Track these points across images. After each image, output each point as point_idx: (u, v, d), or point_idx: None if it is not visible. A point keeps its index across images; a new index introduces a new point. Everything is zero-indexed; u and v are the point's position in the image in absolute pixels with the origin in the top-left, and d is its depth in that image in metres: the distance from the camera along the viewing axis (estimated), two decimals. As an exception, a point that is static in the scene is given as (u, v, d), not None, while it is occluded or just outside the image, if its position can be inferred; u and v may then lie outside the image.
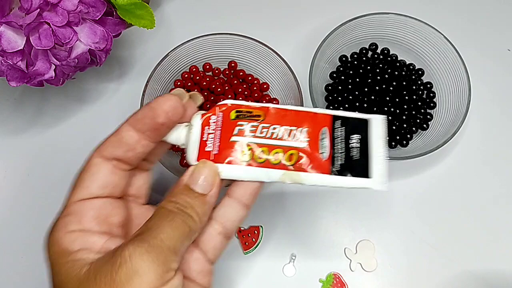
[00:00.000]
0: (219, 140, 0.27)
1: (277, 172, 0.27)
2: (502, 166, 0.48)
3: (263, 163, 0.27)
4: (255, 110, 0.27)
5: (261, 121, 0.27)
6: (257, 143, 0.27)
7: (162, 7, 0.55)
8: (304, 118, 0.27)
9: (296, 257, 0.44)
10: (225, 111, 0.27)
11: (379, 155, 0.27)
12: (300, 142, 0.27)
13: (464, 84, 0.45)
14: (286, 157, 0.27)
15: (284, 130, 0.27)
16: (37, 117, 0.49)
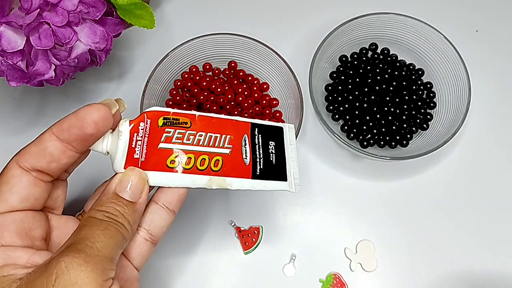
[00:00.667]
0: (146, 147, 0.27)
1: (203, 178, 0.27)
2: (502, 166, 0.48)
3: (190, 170, 0.27)
4: (182, 118, 0.28)
5: (188, 128, 0.28)
6: (184, 150, 0.27)
7: (162, 7, 0.55)
8: (227, 125, 0.29)
9: (296, 257, 0.44)
10: (153, 118, 0.27)
11: (292, 159, 0.30)
12: (225, 148, 0.28)
13: (464, 84, 0.45)
14: (212, 163, 0.27)
15: (209, 137, 0.28)
16: (37, 117, 0.49)
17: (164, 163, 0.27)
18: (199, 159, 0.27)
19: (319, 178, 0.47)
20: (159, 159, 0.27)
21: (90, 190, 0.32)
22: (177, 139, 0.27)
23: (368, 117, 0.46)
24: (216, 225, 0.45)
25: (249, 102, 0.45)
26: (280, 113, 0.46)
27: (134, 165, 0.27)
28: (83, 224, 0.24)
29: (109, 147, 0.27)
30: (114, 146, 0.27)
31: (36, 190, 0.26)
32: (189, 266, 0.43)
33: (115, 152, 0.27)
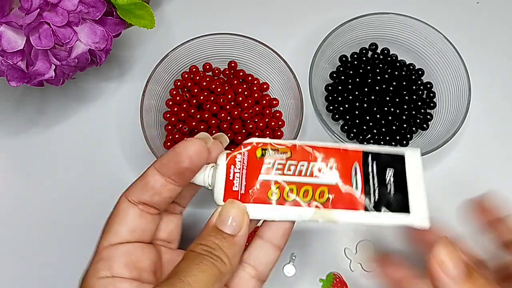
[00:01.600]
0: (245, 179, 0.26)
1: (308, 210, 0.26)
2: (502, 166, 0.48)
3: (293, 202, 0.26)
4: (281, 148, 0.27)
5: (288, 158, 0.26)
6: (286, 181, 0.26)
7: (162, 7, 0.55)
8: (333, 153, 0.26)
9: (296, 257, 0.44)
10: (251, 150, 0.27)
11: (418, 188, 0.26)
12: (330, 178, 0.26)
13: (464, 84, 0.45)
14: (317, 194, 0.26)
15: (312, 167, 0.26)
16: (37, 117, 0.49)
17: (265, 195, 0.26)
18: (302, 190, 0.26)
19: (319, 178, 0.47)
20: (259, 192, 0.26)
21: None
22: (277, 169, 0.26)
23: (368, 117, 0.46)
24: (216, 225, 0.45)
25: (249, 102, 0.45)
26: (280, 113, 0.46)
27: (233, 198, 0.26)
28: (183, 258, 0.25)
29: (210, 180, 0.27)
30: (214, 179, 0.27)
31: (142, 222, 0.27)
32: (189, 266, 0.43)
33: (214, 185, 0.27)
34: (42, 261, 0.44)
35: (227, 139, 0.29)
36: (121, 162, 0.47)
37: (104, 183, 0.46)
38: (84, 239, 0.45)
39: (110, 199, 0.46)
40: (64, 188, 0.46)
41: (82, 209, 0.45)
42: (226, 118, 0.44)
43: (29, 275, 0.43)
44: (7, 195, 0.46)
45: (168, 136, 0.45)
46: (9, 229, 0.45)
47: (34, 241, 0.44)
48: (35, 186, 0.46)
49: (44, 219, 0.45)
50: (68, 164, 0.47)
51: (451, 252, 0.24)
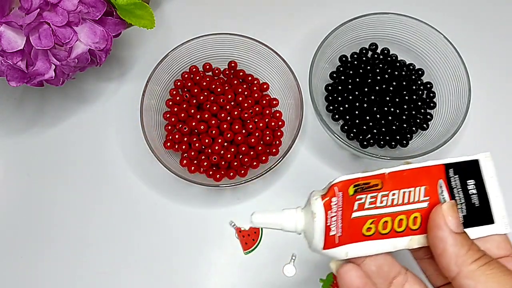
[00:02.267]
0: (341, 220, 0.26)
1: (403, 240, 0.26)
2: (502, 166, 0.48)
3: (388, 234, 0.26)
4: (372, 180, 0.26)
5: (379, 189, 0.26)
6: (379, 214, 0.26)
7: (162, 7, 0.55)
8: (419, 175, 0.26)
9: (296, 257, 0.44)
10: (344, 189, 0.26)
11: (496, 196, 0.26)
12: (421, 202, 0.26)
13: (464, 84, 0.45)
14: (411, 221, 0.26)
15: (403, 194, 0.26)
16: (37, 117, 0.49)
17: (360, 232, 0.26)
18: (396, 220, 0.26)
19: (319, 178, 0.47)
20: (355, 230, 0.26)
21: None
22: (370, 204, 0.26)
23: (368, 117, 0.46)
24: (216, 225, 0.45)
25: (249, 102, 0.45)
26: (280, 113, 0.46)
27: (332, 243, 0.26)
28: None
29: (302, 226, 0.27)
30: (308, 226, 0.26)
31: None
32: (189, 266, 0.43)
33: (311, 232, 0.26)
34: (42, 261, 0.44)
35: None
36: (121, 162, 0.47)
37: (104, 183, 0.46)
38: (84, 239, 0.45)
39: (110, 199, 0.46)
40: (64, 188, 0.46)
41: (82, 209, 0.45)
42: (226, 118, 0.44)
43: (29, 275, 0.43)
44: (7, 195, 0.46)
45: (168, 136, 0.45)
46: (9, 229, 0.45)
47: (34, 241, 0.44)
48: (35, 186, 0.46)
49: (44, 219, 0.45)
50: (68, 164, 0.47)
51: (455, 211, 0.25)
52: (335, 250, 0.26)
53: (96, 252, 0.44)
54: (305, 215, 0.27)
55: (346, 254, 0.26)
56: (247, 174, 0.44)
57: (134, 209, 0.45)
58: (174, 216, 0.45)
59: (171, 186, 0.46)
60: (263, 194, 0.46)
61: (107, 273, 0.43)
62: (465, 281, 0.23)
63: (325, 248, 0.26)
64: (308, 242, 0.27)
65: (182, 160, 0.44)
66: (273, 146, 0.45)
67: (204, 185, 0.42)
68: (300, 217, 0.27)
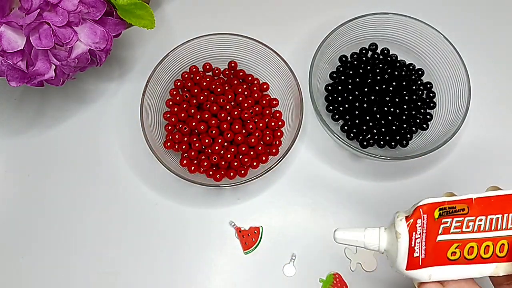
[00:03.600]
0: (425, 243, 0.26)
1: (489, 266, 0.25)
2: (502, 166, 0.48)
3: (473, 260, 0.25)
4: (458, 205, 0.26)
5: (465, 214, 0.26)
6: (465, 239, 0.26)
7: (162, 7, 0.55)
8: (508, 202, 0.26)
9: (296, 257, 0.44)
10: (429, 212, 0.26)
11: None
12: (509, 230, 0.25)
13: (464, 84, 0.45)
14: (497, 248, 0.25)
15: (491, 220, 0.26)
16: (37, 117, 0.49)
17: (445, 256, 0.26)
18: (483, 246, 0.25)
19: (319, 178, 0.47)
20: (439, 253, 0.26)
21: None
22: (455, 228, 0.26)
23: (368, 117, 0.46)
24: (216, 225, 0.45)
25: (249, 102, 0.45)
26: (280, 113, 0.46)
27: (415, 264, 0.26)
28: None
29: (386, 245, 0.27)
30: (392, 246, 0.27)
31: None
32: (189, 266, 0.43)
33: (395, 252, 0.26)
34: (42, 261, 0.44)
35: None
36: (121, 162, 0.47)
37: (104, 183, 0.46)
38: (84, 238, 0.45)
39: (110, 199, 0.46)
40: (64, 188, 0.46)
41: (82, 209, 0.45)
42: (226, 118, 0.44)
43: (29, 275, 0.43)
44: (7, 195, 0.46)
45: (168, 136, 0.45)
46: (9, 229, 0.45)
47: (34, 241, 0.44)
48: (35, 186, 0.46)
49: (44, 219, 0.45)
50: (68, 164, 0.47)
51: None
52: (418, 272, 0.26)
53: (96, 252, 0.44)
54: (388, 235, 0.27)
55: (430, 276, 0.26)
56: (247, 174, 0.44)
57: (134, 209, 0.45)
58: (174, 216, 0.45)
59: (171, 186, 0.46)
60: (263, 194, 0.46)
61: (107, 273, 0.43)
62: None
63: (408, 269, 0.26)
64: (390, 261, 0.27)
65: (182, 160, 0.44)
66: (273, 146, 0.45)
67: (204, 185, 0.42)
68: (384, 236, 0.27)
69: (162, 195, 0.46)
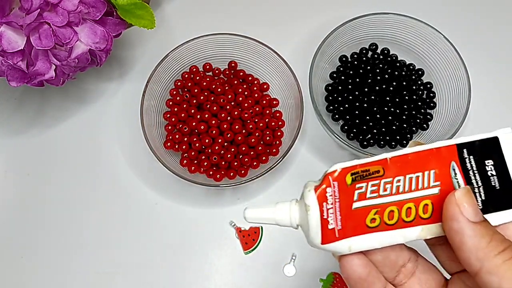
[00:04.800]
0: (339, 212, 0.24)
1: (414, 230, 0.23)
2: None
3: (395, 224, 0.23)
4: (372, 167, 0.24)
5: (381, 176, 0.23)
6: (383, 203, 0.23)
7: (162, 7, 0.55)
8: (427, 158, 0.23)
9: (296, 257, 0.44)
10: (339, 178, 0.24)
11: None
12: (431, 188, 0.23)
13: (464, 84, 0.45)
14: (420, 210, 0.23)
15: (409, 180, 0.23)
16: (37, 117, 0.49)
17: (364, 224, 0.23)
18: (404, 209, 0.23)
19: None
20: (357, 222, 0.23)
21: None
22: (371, 192, 0.23)
23: (368, 117, 0.46)
24: (216, 225, 0.45)
25: (249, 102, 0.45)
26: (280, 113, 0.46)
27: (331, 237, 0.24)
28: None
29: (298, 220, 0.25)
30: (303, 220, 0.24)
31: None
32: (190, 266, 0.43)
33: (306, 227, 0.24)
34: (42, 261, 0.44)
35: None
36: (121, 162, 0.47)
37: (104, 183, 0.47)
38: (84, 238, 0.45)
39: (110, 199, 0.46)
40: (64, 188, 0.46)
41: (82, 209, 0.45)
42: (226, 118, 0.44)
43: (29, 275, 0.43)
44: (7, 195, 0.46)
45: (168, 136, 0.45)
46: (9, 229, 0.45)
47: (34, 241, 0.45)
48: (35, 186, 0.46)
49: (44, 219, 0.45)
50: (68, 164, 0.47)
51: (471, 197, 0.22)
52: (336, 245, 0.24)
53: (96, 252, 0.44)
54: (299, 208, 0.25)
55: (349, 248, 0.24)
56: (247, 174, 0.44)
57: (134, 209, 0.45)
58: (174, 216, 0.45)
59: (171, 186, 0.46)
60: (263, 194, 0.46)
61: (107, 273, 0.43)
62: (488, 277, 0.21)
63: (324, 243, 0.24)
64: (305, 236, 0.25)
65: (182, 160, 0.44)
66: (273, 146, 0.45)
67: (204, 185, 0.42)
68: (295, 210, 0.25)
69: (162, 195, 0.46)
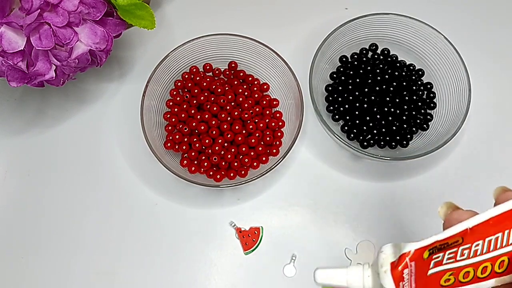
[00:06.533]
0: (414, 282, 0.23)
1: (488, 283, 0.23)
2: (502, 166, 0.48)
3: (470, 281, 0.23)
4: (451, 239, 0.23)
5: (460, 244, 0.23)
6: (459, 266, 0.23)
7: (162, 7, 0.55)
8: (505, 218, 0.23)
9: (296, 257, 0.44)
10: (417, 257, 0.23)
11: None
12: (510, 246, 0.23)
13: (464, 84, 0.45)
14: (496, 266, 0.23)
15: (488, 242, 0.23)
16: (37, 117, 0.49)
17: (438, 284, 0.23)
18: (480, 268, 0.23)
19: (319, 178, 0.47)
20: (432, 284, 0.23)
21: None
22: (448, 259, 0.23)
23: (368, 118, 0.46)
24: (217, 225, 0.45)
25: (249, 103, 0.45)
26: (280, 114, 0.46)
27: None
28: None
29: (371, 286, 0.25)
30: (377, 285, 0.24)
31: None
32: (190, 266, 0.43)
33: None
34: (43, 260, 0.44)
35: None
36: (121, 162, 0.47)
37: (104, 183, 0.47)
38: (84, 238, 0.45)
39: (110, 199, 0.46)
40: (64, 188, 0.46)
41: (82, 209, 0.45)
42: (226, 118, 0.44)
43: (29, 275, 0.43)
44: (7, 195, 0.46)
45: (169, 136, 0.45)
46: (9, 229, 0.45)
47: (34, 241, 0.45)
48: (35, 186, 0.46)
49: (44, 219, 0.45)
50: (68, 164, 0.47)
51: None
52: None
53: (96, 251, 0.44)
54: (372, 274, 0.25)
55: None
56: (247, 175, 0.44)
57: (134, 209, 0.45)
58: (174, 216, 0.45)
59: (171, 186, 0.46)
60: (263, 194, 0.46)
61: (107, 273, 0.43)
62: None
63: None
64: None
65: (183, 160, 0.44)
66: (273, 147, 0.45)
67: (204, 185, 0.42)
68: (367, 276, 0.25)
69: (162, 195, 0.46)
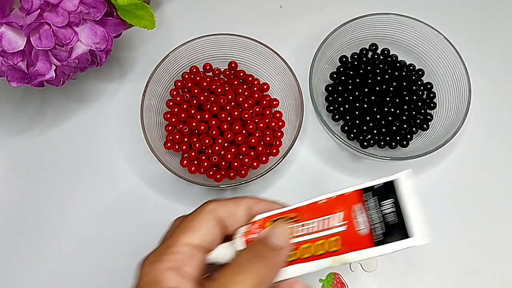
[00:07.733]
0: None
1: (324, 261, 0.28)
2: (503, 166, 0.48)
3: (310, 257, 0.28)
4: (288, 214, 0.29)
5: (297, 220, 0.28)
6: (299, 242, 0.28)
7: (162, 7, 0.55)
8: (335, 203, 0.28)
9: (296, 258, 0.44)
10: (262, 226, 0.29)
11: (413, 210, 0.28)
12: (339, 227, 0.28)
13: (464, 84, 0.45)
14: (331, 244, 0.28)
15: (321, 221, 0.28)
16: (37, 117, 0.49)
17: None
18: (316, 245, 0.28)
19: (319, 179, 0.47)
20: None
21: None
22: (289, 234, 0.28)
23: (368, 118, 0.46)
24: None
25: (249, 103, 0.45)
26: (280, 114, 0.46)
27: None
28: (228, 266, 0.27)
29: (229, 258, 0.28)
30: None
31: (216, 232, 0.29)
32: (190, 266, 0.43)
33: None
34: (43, 261, 0.44)
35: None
36: (121, 162, 0.47)
37: (105, 183, 0.47)
38: (83, 238, 0.45)
39: (110, 199, 0.46)
40: (64, 188, 0.46)
41: (82, 209, 0.46)
42: (226, 118, 0.44)
43: (29, 275, 0.43)
44: (7, 195, 0.46)
45: (169, 136, 0.45)
46: (9, 229, 0.45)
47: (34, 241, 0.45)
48: (35, 186, 0.46)
49: (44, 219, 0.45)
50: (68, 164, 0.47)
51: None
52: None
53: (96, 252, 0.44)
54: (231, 249, 0.29)
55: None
56: (247, 175, 0.44)
57: (135, 209, 0.45)
58: (174, 217, 0.45)
59: (171, 186, 0.46)
60: (263, 195, 0.46)
61: (107, 273, 0.43)
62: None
63: None
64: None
65: (183, 160, 0.44)
66: (274, 147, 0.45)
67: (204, 185, 0.42)
68: (228, 250, 0.29)
69: (162, 195, 0.46)
